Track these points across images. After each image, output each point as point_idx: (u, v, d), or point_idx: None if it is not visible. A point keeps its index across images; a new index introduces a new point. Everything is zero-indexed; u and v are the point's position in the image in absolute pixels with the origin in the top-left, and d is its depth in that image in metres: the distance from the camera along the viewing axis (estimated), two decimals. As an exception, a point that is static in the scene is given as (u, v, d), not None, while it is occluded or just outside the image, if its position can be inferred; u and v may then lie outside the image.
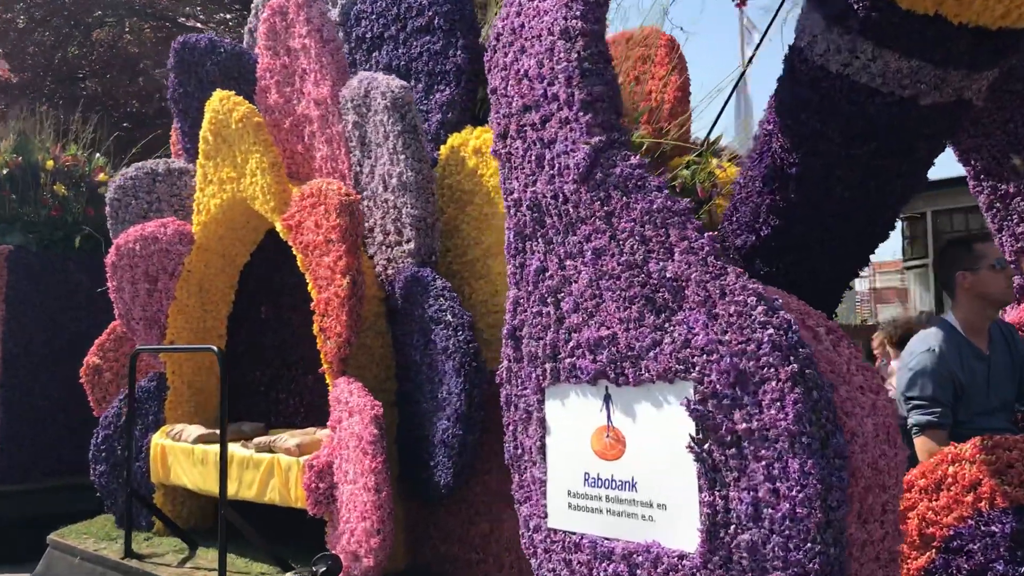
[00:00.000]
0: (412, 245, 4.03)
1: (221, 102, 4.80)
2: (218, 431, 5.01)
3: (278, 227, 4.55)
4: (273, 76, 4.90)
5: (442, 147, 4.24)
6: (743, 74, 6.31)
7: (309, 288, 4.35)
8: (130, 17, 18.38)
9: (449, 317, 3.70)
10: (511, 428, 3.13)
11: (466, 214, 4.16)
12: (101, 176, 8.37)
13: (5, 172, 7.88)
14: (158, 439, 5.18)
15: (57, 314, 7.88)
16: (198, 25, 19.16)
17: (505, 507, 3.93)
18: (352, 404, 3.97)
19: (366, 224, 4.34)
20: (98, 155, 8.57)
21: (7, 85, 16.73)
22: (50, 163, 8.00)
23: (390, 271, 4.31)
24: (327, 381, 4.33)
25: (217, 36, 5.57)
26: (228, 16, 18.48)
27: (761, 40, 4.67)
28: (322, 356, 4.27)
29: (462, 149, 4.19)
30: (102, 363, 5.88)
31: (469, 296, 4.11)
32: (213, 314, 5.45)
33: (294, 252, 4.44)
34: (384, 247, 4.32)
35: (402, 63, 4.53)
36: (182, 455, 4.98)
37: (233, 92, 4.82)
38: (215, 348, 4.22)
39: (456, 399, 3.61)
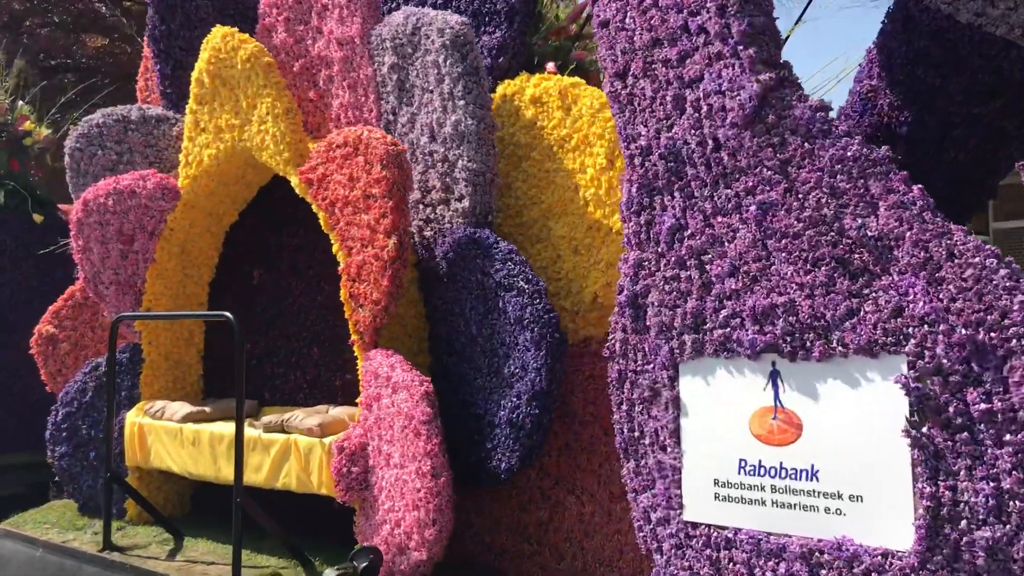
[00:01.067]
0: (466, 203, 3.56)
1: (224, 39, 4.19)
2: (207, 408, 4.44)
3: (293, 182, 3.99)
4: (281, 13, 4.31)
5: (492, 96, 3.77)
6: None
7: (335, 250, 3.82)
8: None
9: (522, 283, 3.26)
10: (625, 408, 2.74)
11: (521, 170, 3.71)
12: (27, 125, 7.47)
13: (-80, 118, 6.93)
14: (135, 417, 4.55)
15: (-23, 278, 7.01)
16: None
17: (566, 493, 3.54)
18: (395, 379, 3.49)
19: (399, 180, 3.83)
20: (21, 103, 7.65)
21: None
22: (-30, 109, 7.07)
23: (427, 232, 3.83)
24: (356, 354, 3.83)
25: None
26: None
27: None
28: (351, 326, 3.76)
29: (516, 98, 3.73)
30: (57, 332, 5.16)
31: (524, 262, 3.68)
32: (195, 279, 4.82)
33: (315, 210, 3.90)
34: (422, 206, 3.83)
35: (440, 1, 4.02)
36: (166, 435, 4.37)
37: (236, 29, 4.21)
38: (229, 315, 3.65)
39: (534, 375, 3.17)
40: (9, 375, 7.19)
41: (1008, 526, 1.96)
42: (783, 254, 2.33)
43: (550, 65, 3.82)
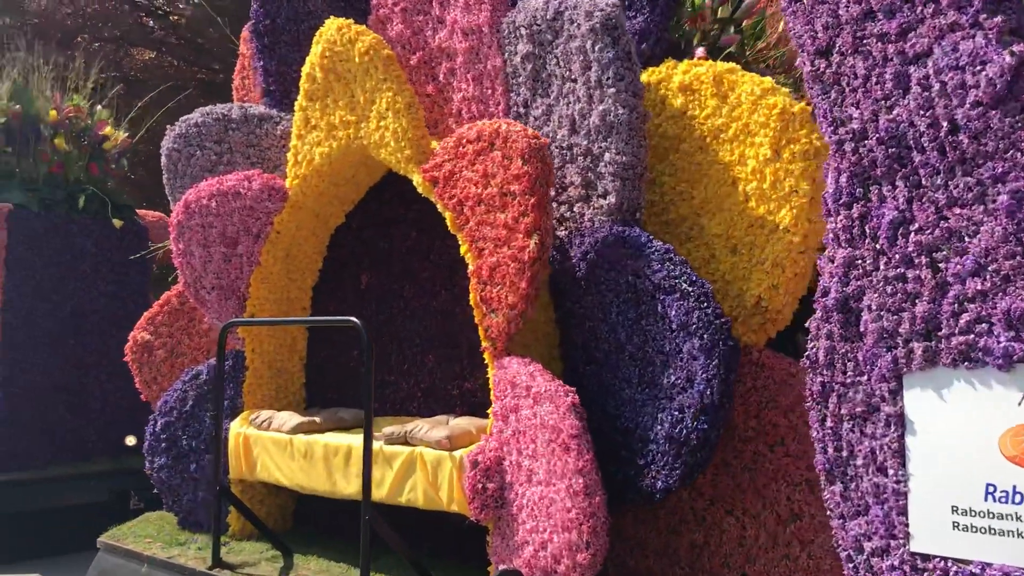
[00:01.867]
0: (612, 199, 3.27)
1: (339, 31, 3.94)
2: (317, 419, 4.19)
3: (416, 180, 3.73)
4: (398, 3, 4.06)
5: (638, 85, 3.47)
6: None
7: (463, 252, 3.55)
8: None
9: (686, 285, 2.96)
10: (829, 425, 2.43)
11: (669, 164, 3.42)
12: (106, 131, 7.31)
13: (3, 122, 6.77)
14: (239, 428, 4.31)
15: (59, 283, 6.83)
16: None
17: (724, 515, 3.23)
18: (537, 389, 3.20)
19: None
20: (100, 107, 7.50)
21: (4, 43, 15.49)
22: (53, 114, 6.91)
23: (561, 232, 3.55)
24: (486, 361, 3.55)
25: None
26: None
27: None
28: (482, 332, 3.48)
29: (663, 86, 3.44)
30: (153, 339, 4.95)
31: (671, 262, 3.38)
32: (298, 283, 4.58)
33: (439, 210, 3.63)
34: (556, 204, 3.55)
35: (573, -14, 3.73)
36: (274, 447, 4.12)
37: (352, 20, 3.96)
38: (356, 320, 3.40)
39: (703, 386, 2.87)
40: (88, 382, 7.03)
41: None
42: (1047, 250, 2.01)
43: (699, 50, 3.53)
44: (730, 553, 3.18)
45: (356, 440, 3.86)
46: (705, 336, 2.88)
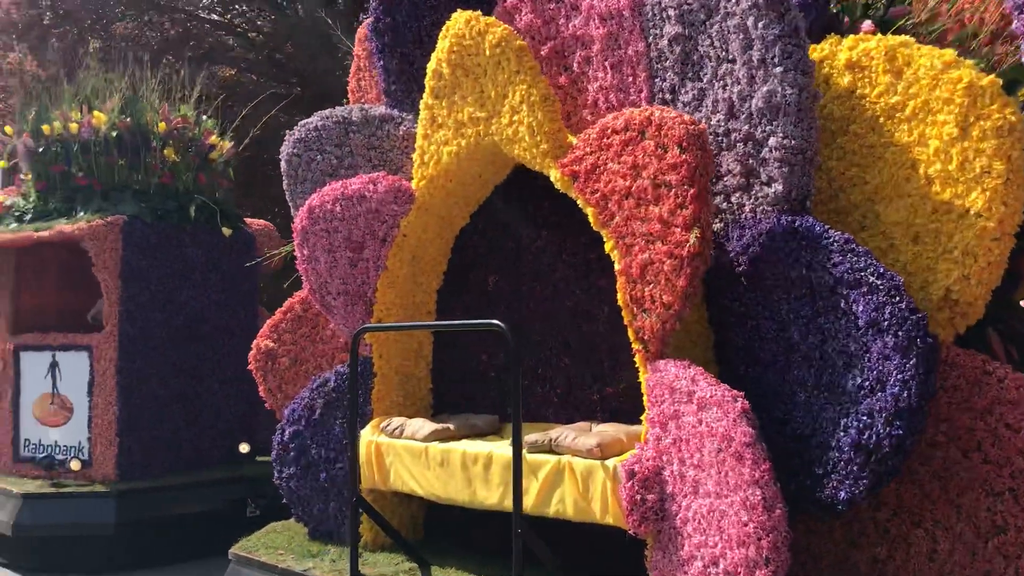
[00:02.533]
0: (779, 187, 3.03)
1: (468, 24, 3.77)
2: (451, 426, 4.03)
3: (553, 176, 3.54)
4: (526, -8, 3.88)
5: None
6: None
7: (608, 249, 3.34)
8: (149, 11, 17.64)
9: (873, 278, 2.70)
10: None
11: (836, 147, 3.15)
12: (212, 140, 7.33)
13: (115, 135, 6.83)
14: (370, 436, 4.18)
15: (172, 293, 6.85)
16: (214, 17, 18.38)
17: (911, 527, 2.96)
18: (701, 394, 2.97)
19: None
20: (205, 117, 7.52)
21: (36, 80, 15.95)
22: (162, 125, 6.94)
23: (716, 224, 3.31)
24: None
25: None
26: (245, 8, 17.64)
27: None
28: (632, 334, 3.27)
29: (826, 64, 3.18)
30: (277, 347, 4.87)
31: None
32: (424, 287, 4.43)
33: (580, 206, 3.44)
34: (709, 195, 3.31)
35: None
36: (408, 455, 3.98)
37: (479, 12, 3.79)
38: (500, 325, 3.23)
39: (898, 388, 2.60)
40: (202, 391, 7.04)
41: None
42: None
43: (866, 24, 3.26)
44: (919, 569, 2.91)
45: (496, 448, 3.69)
46: (900, 333, 2.61)
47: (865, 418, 2.72)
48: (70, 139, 6.84)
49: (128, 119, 6.85)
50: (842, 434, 2.80)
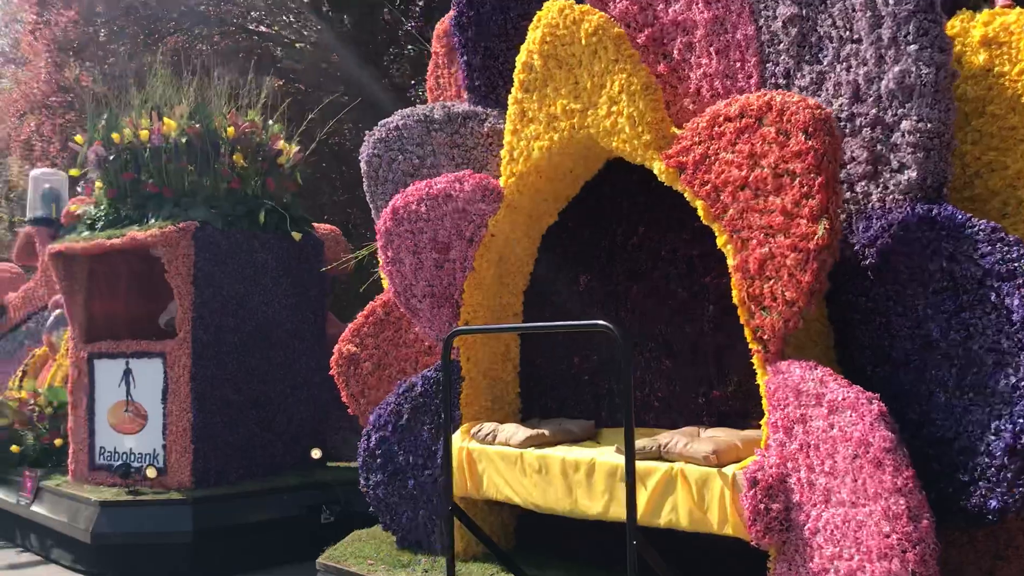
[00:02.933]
0: (912, 174, 2.81)
1: (561, 13, 3.61)
2: (546, 431, 3.86)
3: (656, 168, 3.35)
4: (621, -21, 3.71)
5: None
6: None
7: (720, 244, 3.15)
8: (199, 26, 17.81)
9: (1032, 271, 2.49)
10: None
11: (972, 130, 2.94)
12: (280, 145, 7.25)
13: (184, 141, 6.78)
14: (461, 442, 4.03)
15: (244, 298, 6.78)
16: (262, 29, 18.48)
17: (1066, 536, 2.73)
18: (831, 397, 2.77)
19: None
20: (271, 122, 7.45)
21: (91, 96, 16.12)
22: (231, 130, 6.88)
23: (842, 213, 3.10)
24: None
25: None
26: (292, 19, 17.71)
27: None
28: (749, 333, 3.08)
29: (958, 42, 2.97)
30: (359, 352, 4.74)
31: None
32: (510, 288, 4.28)
33: (688, 199, 3.25)
34: (829, 185, 3.11)
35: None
36: (502, 462, 3.82)
37: (573, 0, 3.63)
38: (609, 325, 3.06)
39: (1064, 388, 2.39)
40: (274, 396, 6.97)
41: None
42: None
43: (1002, -2, 3.04)
44: (1076, 583, 2.68)
45: (598, 454, 3.52)
46: (1066, 329, 2.39)
47: (1021, 420, 2.50)
48: (140, 146, 6.82)
49: (197, 125, 6.80)
50: (993, 438, 2.58)
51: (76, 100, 16.56)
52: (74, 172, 7.03)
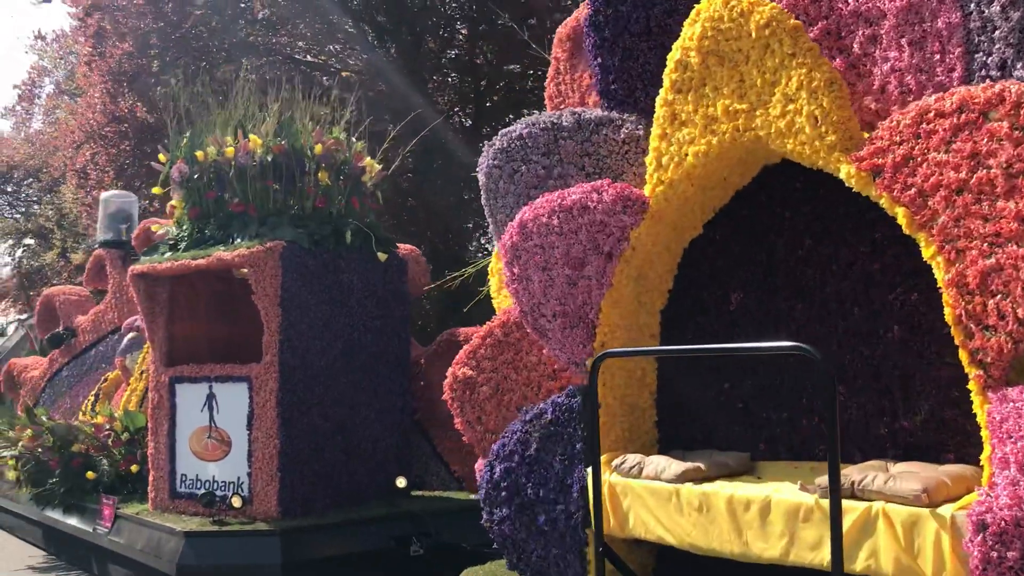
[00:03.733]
0: None
1: (726, 5, 3.26)
2: (702, 464, 3.47)
3: (843, 172, 2.98)
4: (788, -33, 3.36)
5: None
6: None
7: (927, 256, 2.77)
8: (247, 56, 17.87)
9: None
10: None
11: None
12: (366, 162, 6.97)
13: (270, 159, 6.53)
14: (602, 475, 3.65)
15: (330, 320, 6.48)
16: (308, 58, 18.49)
17: None
18: (1085, 429, 2.37)
19: None
20: (354, 139, 7.17)
21: (145, 125, 16.16)
22: (319, 148, 6.61)
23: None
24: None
25: None
26: (337, 47, 17.63)
27: None
28: (966, 356, 2.68)
29: None
30: (476, 375, 4.39)
31: None
32: (647, 307, 3.92)
33: (885, 207, 2.87)
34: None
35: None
36: (652, 498, 3.43)
37: (733, -8, 3.28)
38: (808, 348, 2.68)
39: None
40: (359, 422, 6.64)
41: None
42: None
43: None
44: None
45: (774, 491, 3.11)
46: None
47: None
48: (224, 164, 6.57)
49: (283, 142, 6.54)
50: None
51: (130, 130, 16.64)
52: (157, 190, 6.79)
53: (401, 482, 6.74)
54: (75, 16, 17.83)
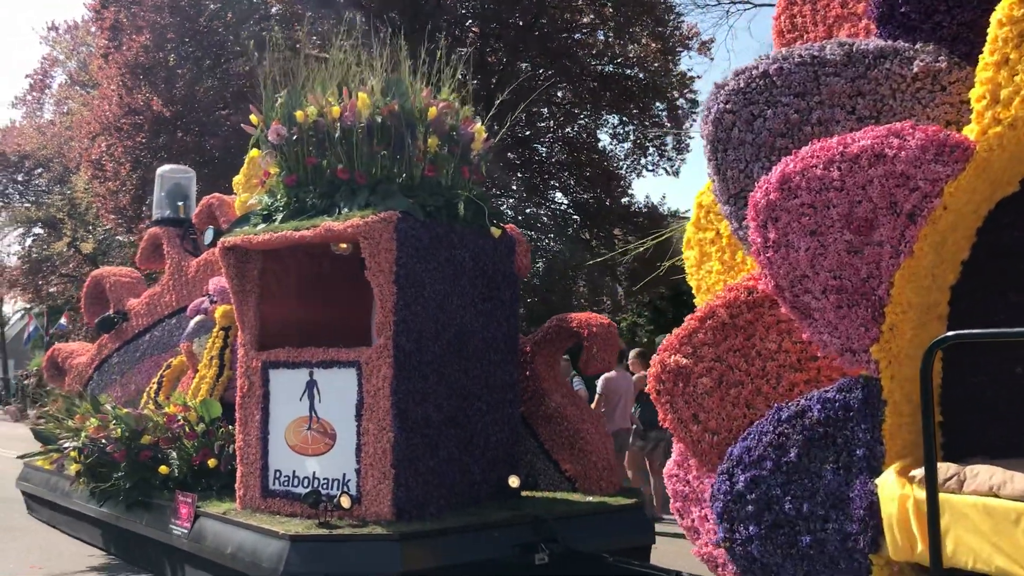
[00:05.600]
0: None
1: None
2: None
3: None
4: None
5: None
6: None
7: None
8: (259, 49, 17.10)
9: None
10: None
11: None
12: (476, 128, 6.10)
13: (379, 120, 5.66)
14: (901, 488, 2.83)
15: (444, 302, 5.65)
16: (324, 55, 17.71)
17: None
18: None
19: None
20: (466, 106, 6.29)
21: (160, 118, 15.56)
22: (432, 110, 5.75)
23: None
24: None
25: None
26: (347, 42, 16.98)
27: None
28: None
29: None
30: (693, 364, 3.55)
31: None
32: (939, 281, 3.09)
33: None
34: None
35: None
36: (986, 519, 2.61)
37: None
38: None
39: None
40: (472, 415, 5.81)
41: None
42: None
43: None
44: None
45: None
46: None
47: None
48: (327, 127, 5.71)
49: (394, 103, 5.68)
50: None
51: (145, 122, 15.99)
52: (254, 153, 5.91)
53: (514, 481, 5.91)
54: (91, 7, 17.11)
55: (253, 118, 6.05)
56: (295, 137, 5.75)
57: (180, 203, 8.94)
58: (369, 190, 5.58)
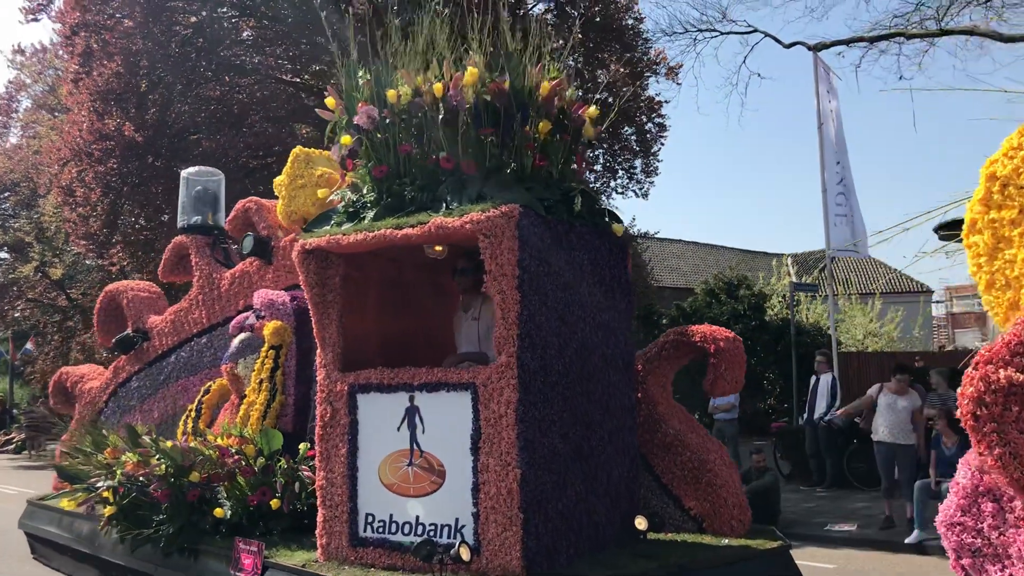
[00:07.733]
0: None
1: None
2: None
3: None
4: None
5: None
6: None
7: None
8: (231, 74, 16.53)
9: None
10: None
11: None
12: (589, 112, 5.19)
13: (487, 100, 4.75)
14: None
15: (565, 312, 4.72)
16: (296, 80, 17.19)
17: None
18: None
19: None
20: (572, 89, 5.37)
21: (131, 144, 14.72)
22: (546, 86, 4.83)
23: None
24: None
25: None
26: (318, 67, 16.37)
27: None
28: None
29: None
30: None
31: None
32: None
33: None
34: None
35: None
36: None
37: None
38: None
39: None
40: (594, 444, 4.88)
41: None
42: None
43: None
44: None
45: None
46: None
47: None
48: (424, 108, 4.78)
49: (504, 80, 4.76)
50: None
51: (117, 148, 15.14)
52: (346, 140, 4.94)
53: (641, 523, 4.97)
54: (61, 33, 16.18)
55: (330, 101, 5.10)
56: (387, 121, 4.82)
57: (208, 209, 7.92)
58: (481, 181, 4.65)
